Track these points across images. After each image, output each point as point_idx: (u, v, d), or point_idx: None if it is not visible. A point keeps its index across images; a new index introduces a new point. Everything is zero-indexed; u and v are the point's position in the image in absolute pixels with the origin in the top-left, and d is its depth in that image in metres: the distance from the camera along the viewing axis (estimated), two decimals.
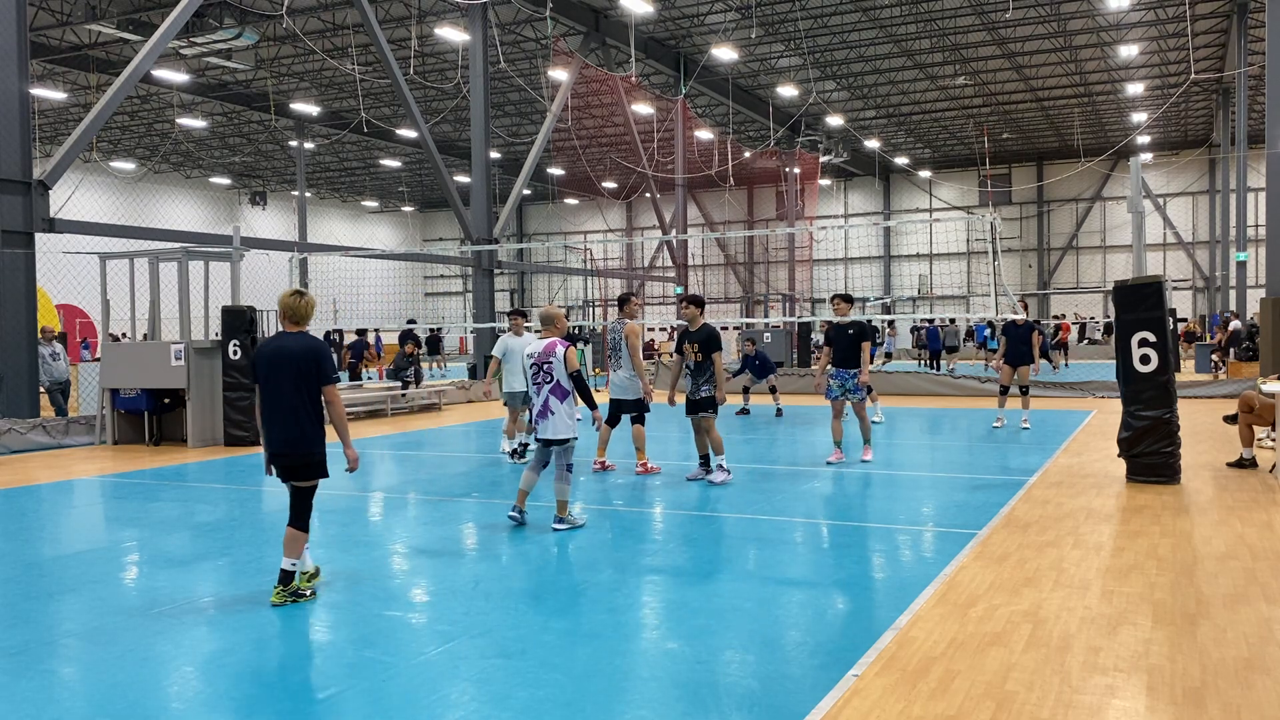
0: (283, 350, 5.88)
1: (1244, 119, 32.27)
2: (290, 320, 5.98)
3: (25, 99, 14.74)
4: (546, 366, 7.85)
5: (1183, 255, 48.80)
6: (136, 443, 14.66)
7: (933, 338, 30.55)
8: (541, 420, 7.88)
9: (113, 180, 45.81)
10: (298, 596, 5.92)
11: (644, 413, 10.76)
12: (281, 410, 5.91)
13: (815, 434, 14.34)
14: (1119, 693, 4.33)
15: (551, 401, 7.82)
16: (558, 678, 4.60)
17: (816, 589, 6.12)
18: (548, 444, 7.95)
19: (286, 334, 6.01)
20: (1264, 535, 7.30)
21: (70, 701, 4.45)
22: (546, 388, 7.85)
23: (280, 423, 5.92)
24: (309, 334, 6.03)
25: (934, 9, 29.67)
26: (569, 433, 7.86)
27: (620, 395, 10.72)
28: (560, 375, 7.81)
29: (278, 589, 5.88)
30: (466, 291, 56.58)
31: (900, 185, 54.63)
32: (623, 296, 11.04)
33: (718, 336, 10.12)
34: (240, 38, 25.91)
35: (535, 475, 8.10)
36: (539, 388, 7.88)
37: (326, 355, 5.94)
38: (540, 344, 7.95)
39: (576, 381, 7.84)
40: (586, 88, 30.41)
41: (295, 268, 18.60)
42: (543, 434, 7.90)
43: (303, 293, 6.01)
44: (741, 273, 54.03)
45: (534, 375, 7.90)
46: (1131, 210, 10.60)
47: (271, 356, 5.91)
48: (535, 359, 7.91)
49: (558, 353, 7.84)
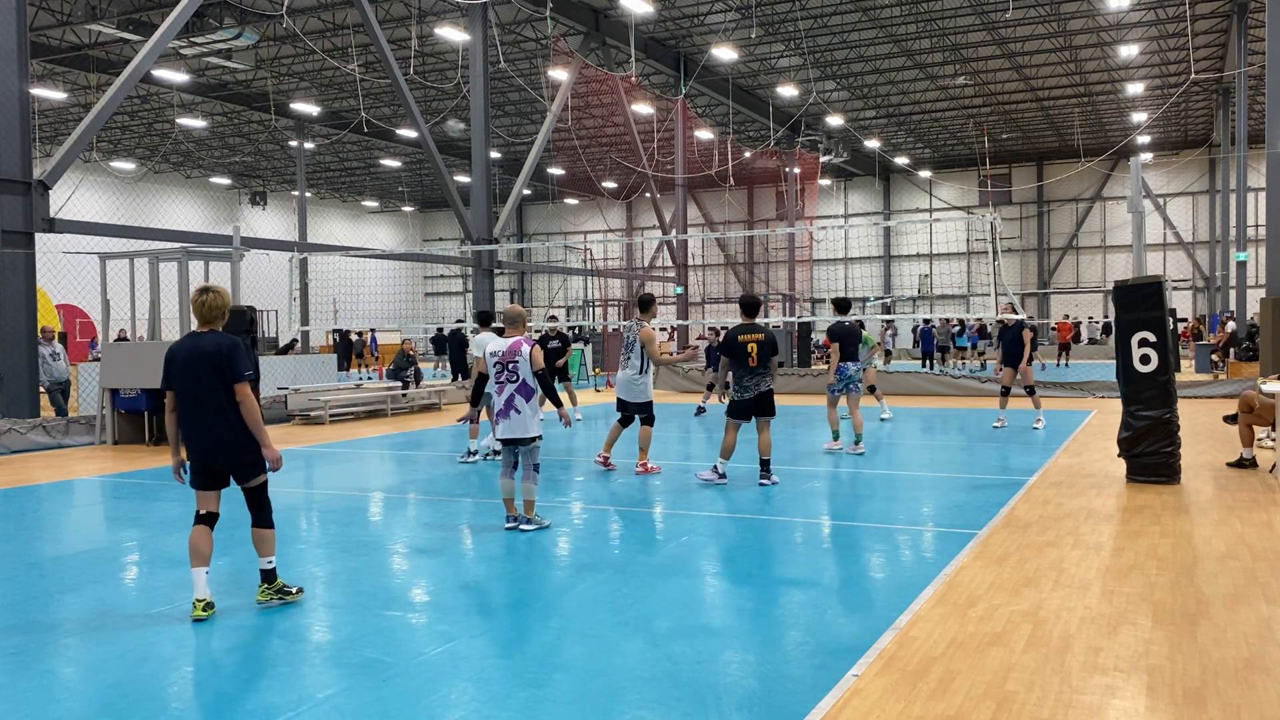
0: (198, 350, 5.64)
1: (1244, 119, 32.27)
2: (201, 320, 5.76)
3: (25, 99, 14.74)
4: (512, 365, 7.75)
5: (1183, 255, 48.80)
6: (136, 443, 14.66)
7: (926, 338, 30.65)
8: (503, 419, 7.75)
9: (113, 180, 45.81)
10: (284, 595, 5.90)
11: (650, 414, 10.76)
12: (209, 412, 5.66)
13: (814, 433, 14.33)
14: (1119, 693, 4.33)
15: (517, 400, 7.73)
16: (558, 678, 4.60)
17: (816, 589, 6.12)
18: (512, 443, 7.84)
19: (200, 334, 5.75)
20: (1264, 535, 7.30)
21: (70, 701, 4.44)
22: (511, 386, 7.74)
23: (210, 425, 5.67)
24: (221, 332, 5.81)
25: (934, 9, 29.66)
26: (535, 431, 7.80)
27: (624, 396, 10.71)
28: (526, 374, 7.75)
29: (262, 587, 5.89)
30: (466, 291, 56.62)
31: (900, 185, 54.62)
32: (646, 298, 10.95)
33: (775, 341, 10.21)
34: (240, 38, 25.91)
35: (512, 480, 7.98)
36: (501, 386, 7.76)
37: (240, 353, 5.71)
38: (504, 342, 7.83)
39: (541, 380, 7.78)
40: (586, 88, 30.41)
41: (295, 268, 18.60)
42: (506, 434, 7.77)
43: (209, 289, 5.79)
44: (741, 273, 54.02)
45: (498, 374, 7.78)
46: (1131, 210, 10.61)
47: (186, 359, 5.65)
48: (500, 357, 7.77)
49: (523, 351, 7.76)
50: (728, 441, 10.01)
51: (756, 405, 9.94)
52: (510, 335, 7.95)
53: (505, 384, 7.76)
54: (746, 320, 10.12)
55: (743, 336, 9.88)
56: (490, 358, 7.82)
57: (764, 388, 9.89)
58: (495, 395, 7.81)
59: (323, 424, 17.15)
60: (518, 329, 8.03)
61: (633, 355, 10.64)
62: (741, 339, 9.87)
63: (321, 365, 21.61)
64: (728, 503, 9.04)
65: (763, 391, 9.90)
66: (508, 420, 7.75)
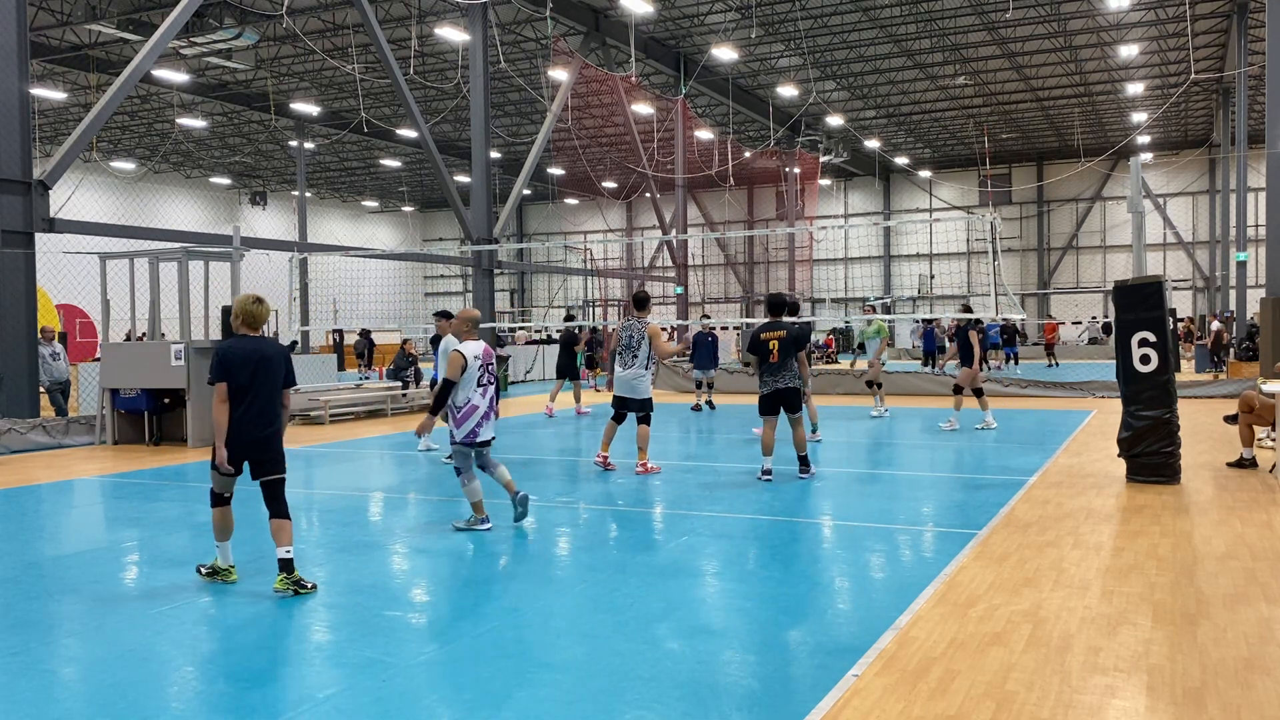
0: (266, 353, 6.21)
1: (1244, 119, 32.26)
2: (253, 326, 6.30)
3: (25, 99, 14.74)
4: (491, 367, 7.94)
5: (1183, 255, 48.80)
6: (136, 443, 14.65)
7: (928, 338, 30.66)
8: (487, 421, 7.89)
9: (113, 180, 45.81)
10: (299, 587, 6.04)
11: (649, 413, 10.77)
12: (271, 409, 6.23)
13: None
14: (1119, 693, 4.33)
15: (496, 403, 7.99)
16: (558, 678, 4.60)
17: (816, 589, 6.12)
18: (486, 444, 7.98)
19: (259, 338, 6.29)
20: (1264, 535, 7.30)
21: (70, 701, 4.45)
22: (492, 388, 7.95)
23: (271, 420, 6.23)
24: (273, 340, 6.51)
25: (934, 9, 29.66)
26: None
27: (626, 394, 10.73)
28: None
29: (281, 577, 6.07)
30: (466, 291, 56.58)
31: (900, 185, 54.62)
32: (642, 296, 11.05)
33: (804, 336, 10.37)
34: (240, 38, 25.89)
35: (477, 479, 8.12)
36: (484, 389, 7.86)
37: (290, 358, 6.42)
38: (480, 346, 7.94)
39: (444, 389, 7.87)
40: (586, 88, 30.41)
41: (295, 268, 18.60)
42: (488, 434, 7.93)
43: (260, 299, 6.34)
44: (741, 273, 54.04)
45: (480, 377, 7.87)
46: (1131, 210, 10.60)
47: (260, 359, 6.17)
48: (482, 360, 7.88)
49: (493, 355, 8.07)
50: (763, 439, 10.23)
51: (780, 401, 10.06)
52: (472, 339, 8.05)
53: (487, 386, 7.90)
54: (772, 318, 10.31)
55: (765, 334, 10.09)
56: (474, 361, 7.85)
57: (784, 384, 10.01)
58: (478, 398, 7.82)
59: (323, 424, 17.16)
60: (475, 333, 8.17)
61: (639, 353, 10.69)
62: (764, 336, 10.08)
63: (321, 365, 21.60)
64: (727, 503, 9.04)
65: (781, 387, 10.02)
66: (489, 422, 7.91)
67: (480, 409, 7.83)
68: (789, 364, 9.99)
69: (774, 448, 10.24)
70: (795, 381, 10.04)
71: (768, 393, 10.08)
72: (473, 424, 7.80)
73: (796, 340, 10.05)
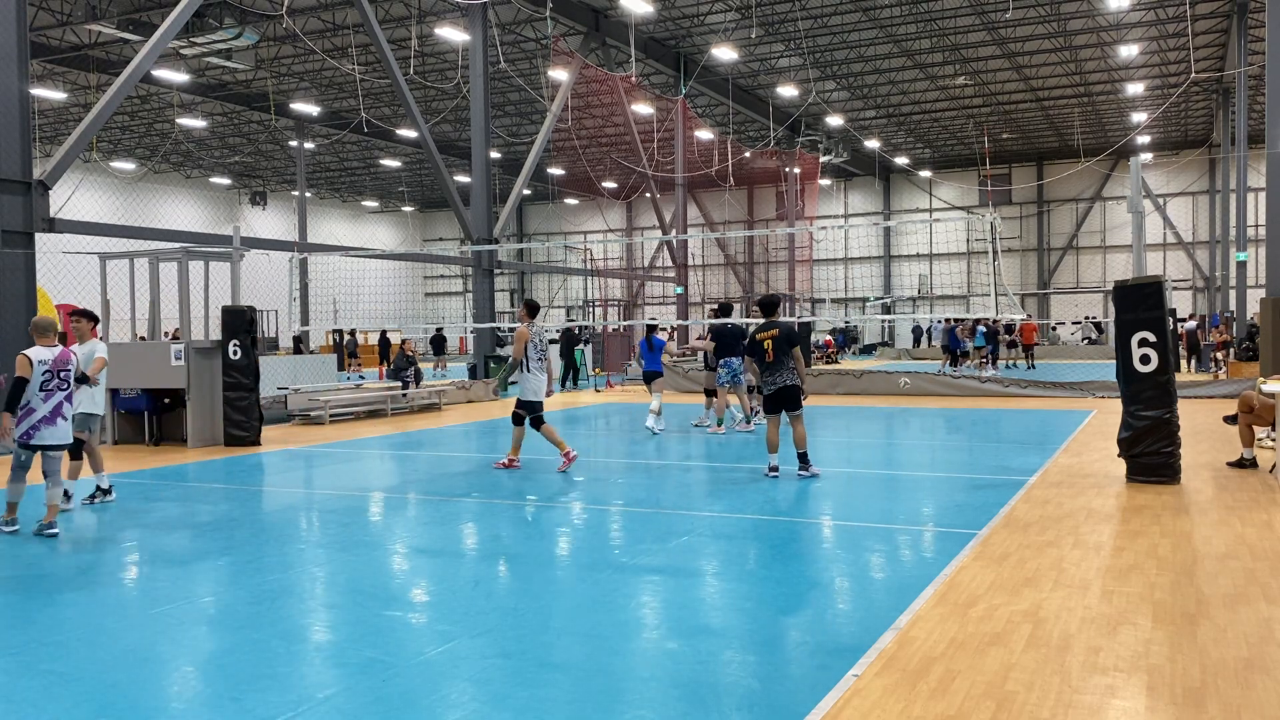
0: None
1: (1244, 119, 32.26)
2: None
3: (25, 99, 14.73)
4: (64, 374, 8.16)
5: (1183, 255, 48.79)
6: (136, 443, 14.65)
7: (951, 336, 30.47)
8: (49, 425, 8.06)
9: (113, 180, 45.80)
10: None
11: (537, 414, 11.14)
12: None
13: (813, 433, 14.32)
14: (1119, 693, 4.33)
15: (64, 407, 8.17)
16: (557, 677, 4.60)
17: (816, 589, 6.12)
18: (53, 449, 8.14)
19: None
20: (1264, 535, 7.30)
21: (70, 701, 4.44)
22: (60, 394, 8.14)
23: None
24: None
25: (934, 9, 29.66)
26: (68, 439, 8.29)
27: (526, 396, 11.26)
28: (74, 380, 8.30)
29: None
30: (466, 291, 56.63)
31: (900, 185, 54.62)
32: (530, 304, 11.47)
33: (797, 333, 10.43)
34: (240, 38, 25.87)
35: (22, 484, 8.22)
36: (48, 394, 8.05)
37: None
38: (52, 351, 8.14)
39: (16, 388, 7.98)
40: (586, 88, 30.40)
41: (295, 268, 18.59)
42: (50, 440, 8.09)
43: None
44: (741, 273, 54.01)
45: (46, 382, 8.03)
46: (1131, 210, 10.60)
47: None
48: (50, 366, 8.07)
49: (73, 359, 8.32)
50: (768, 437, 10.31)
51: (780, 399, 10.11)
52: (51, 344, 8.23)
53: (54, 391, 8.10)
54: (766, 319, 10.39)
55: (760, 335, 10.19)
56: (39, 365, 8.04)
57: (782, 382, 10.06)
58: (38, 401, 8.01)
59: (323, 424, 17.15)
60: (49, 339, 8.31)
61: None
62: (759, 337, 10.18)
63: (321, 365, 21.59)
64: (727, 503, 9.04)
65: (780, 386, 10.08)
66: (53, 427, 8.10)
67: (38, 413, 8.04)
68: (784, 361, 10.06)
69: (778, 445, 10.28)
70: (794, 379, 10.08)
71: (770, 393, 10.17)
72: (28, 426, 8.06)
73: (789, 337, 10.12)
